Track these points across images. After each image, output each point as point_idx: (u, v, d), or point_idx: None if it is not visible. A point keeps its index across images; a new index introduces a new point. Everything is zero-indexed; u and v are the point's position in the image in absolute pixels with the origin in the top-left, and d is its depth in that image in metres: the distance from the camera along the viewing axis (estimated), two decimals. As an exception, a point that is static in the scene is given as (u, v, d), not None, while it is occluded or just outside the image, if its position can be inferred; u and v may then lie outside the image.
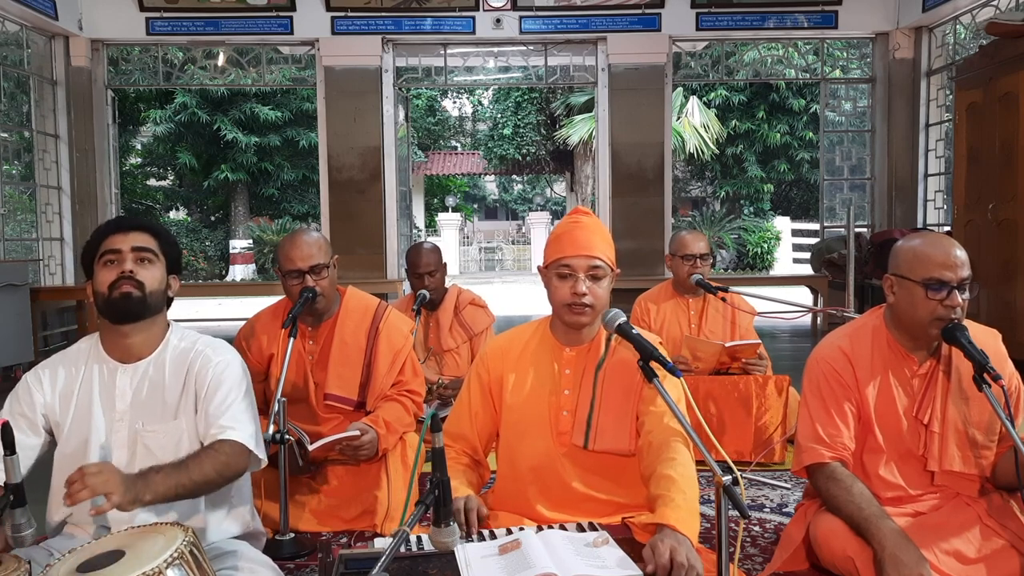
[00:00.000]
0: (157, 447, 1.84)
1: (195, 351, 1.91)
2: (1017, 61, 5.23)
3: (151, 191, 20.37)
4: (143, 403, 1.86)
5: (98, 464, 1.62)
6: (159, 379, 1.88)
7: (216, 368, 1.89)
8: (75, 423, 1.86)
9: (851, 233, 4.36)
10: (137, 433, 1.85)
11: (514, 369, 2.07)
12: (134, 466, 1.82)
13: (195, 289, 11.88)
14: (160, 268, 1.89)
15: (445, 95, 24.65)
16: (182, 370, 1.89)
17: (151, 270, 1.86)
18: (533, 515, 1.98)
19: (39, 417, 1.85)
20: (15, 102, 7.52)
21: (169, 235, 1.97)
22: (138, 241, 1.86)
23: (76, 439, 1.85)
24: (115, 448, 1.84)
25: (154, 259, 1.88)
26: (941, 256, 1.97)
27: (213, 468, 1.74)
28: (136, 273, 1.83)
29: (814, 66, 8.89)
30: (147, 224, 1.93)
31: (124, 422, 1.85)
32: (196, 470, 1.70)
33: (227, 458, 1.78)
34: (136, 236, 1.87)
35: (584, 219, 2.02)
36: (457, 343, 3.92)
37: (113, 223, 1.92)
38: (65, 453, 1.86)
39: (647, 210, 8.09)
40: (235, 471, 1.81)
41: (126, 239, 1.86)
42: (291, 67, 8.56)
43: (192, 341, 1.93)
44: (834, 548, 2.01)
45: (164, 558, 1.46)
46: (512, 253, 23.68)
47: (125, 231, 1.87)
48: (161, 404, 1.87)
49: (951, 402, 2.06)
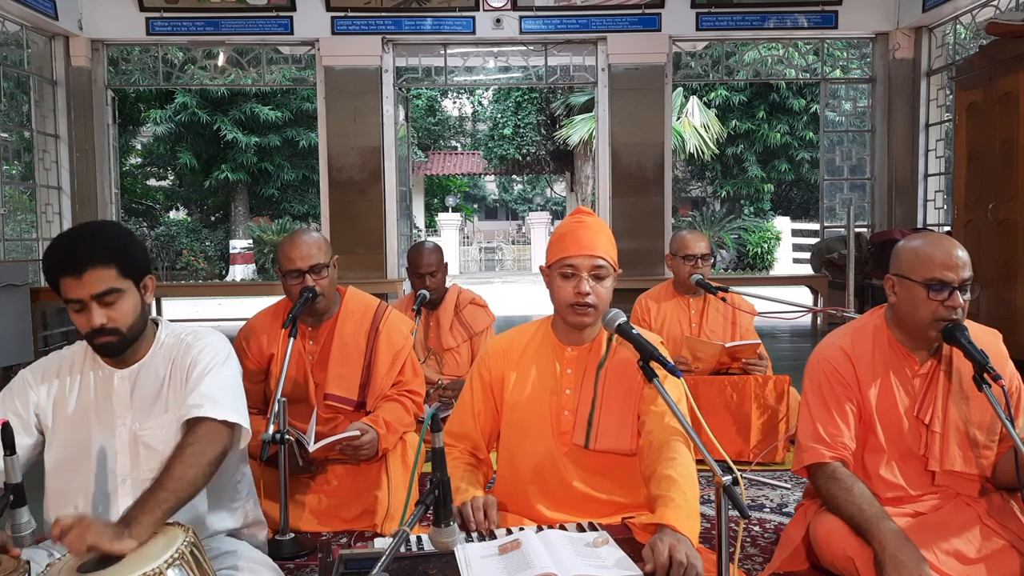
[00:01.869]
0: (157, 442, 1.81)
1: (180, 341, 1.89)
2: (1017, 61, 5.23)
3: (151, 191, 20.38)
4: (139, 404, 1.84)
5: (71, 518, 1.47)
6: (152, 378, 1.86)
7: (194, 352, 1.85)
8: (72, 430, 1.83)
9: (851, 233, 4.35)
10: (136, 435, 1.83)
11: (515, 368, 2.07)
12: (139, 471, 1.80)
13: (195, 289, 11.89)
14: (131, 296, 1.76)
15: (445, 95, 24.66)
16: (169, 361, 1.87)
17: (121, 307, 1.74)
18: (533, 515, 1.98)
19: (32, 416, 1.83)
20: (15, 102, 7.52)
21: (123, 246, 1.77)
22: (96, 285, 1.70)
23: (74, 446, 1.82)
24: (118, 454, 1.82)
25: (121, 292, 1.74)
26: (942, 257, 1.97)
27: (189, 468, 1.62)
28: (108, 322, 1.73)
29: (814, 66, 8.89)
30: (96, 257, 1.70)
31: (125, 426, 1.83)
32: (171, 480, 1.59)
33: (196, 447, 1.66)
34: (92, 278, 1.69)
35: (587, 219, 2.02)
36: (457, 342, 3.92)
37: (62, 261, 1.71)
38: (62, 460, 1.83)
39: (647, 210, 8.09)
40: (215, 452, 1.68)
41: (81, 285, 1.69)
42: (291, 67, 8.56)
43: (178, 334, 1.91)
44: (834, 548, 2.01)
45: (164, 559, 1.46)
46: (512, 253, 23.68)
47: (78, 274, 1.69)
48: (155, 401, 1.85)
49: (952, 402, 2.06)
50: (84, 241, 1.72)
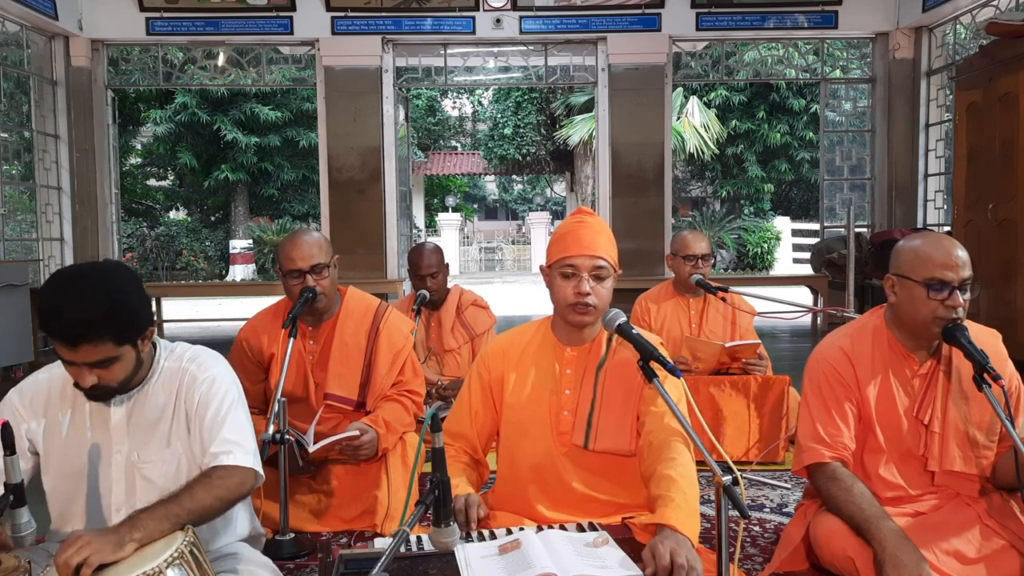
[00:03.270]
0: (157, 476, 1.77)
1: (182, 370, 1.80)
2: (1017, 61, 5.23)
3: (151, 191, 20.38)
4: (137, 433, 1.78)
5: (70, 540, 1.46)
6: (151, 406, 1.79)
7: (202, 387, 1.78)
8: (65, 459, 1.77)
9: (851, 233, 4.35)
10: (134, 465, 1.77)
11: (515, 368, 2.07)
12: (134, 500, 1.75)
13: (195, 289, 11.90)
14: (127, 358, 1.68)
15: (445, 95, 24.65)
16: (172, 393, 1.79)
17: (115, 370, 1.67)
18: (533, 515, 1.98)
19: (24, 441, 1.76)
20: (15, 102, 7.52)
21: (125, 313, 1.64)
22: (91, 356, 1.62)
23: (69, 470, 1.77)
24: (113, 482, 1.77)
25: (117, 357, 1.66)
26: (942, 256, 1.97)
27: (211, 497, 1.64)
28: (102, 380, 1.66)
29: (814, 66, 8.89)
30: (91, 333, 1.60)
31: (121, 454, 1.77)
32: (191, 501, 1.60)
33: (227, 488, 1.68)
34: (85, 352, 1.61)
35: (588, 219, 2.02)
36: (458, 343, 3.92)
37: (53, 324, 1.60)
38: (58, 486, 1.78)
39: (647, 210, 8.09)
40: (238, 495, 1.72)
41: (76, 354, 1.61)
42: (291, 67, 8.56)
43: (178, 358, 1.83)
44: (834, 548, 2.01)
45: (164, 558, 1.46)
46: (512, 253, 23.68)
47: (71, 346, 1.60)
48: (155, 432, 1.78)
49: (952, 402, 2.06)
50: (80, 311, 1.58)
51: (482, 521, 1.85)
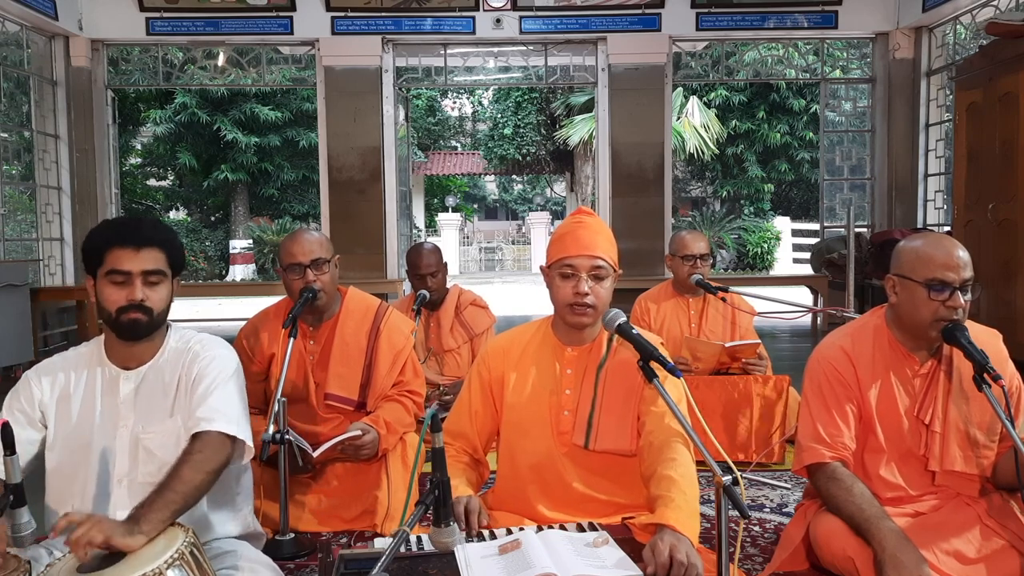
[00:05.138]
0: (157, 447, 1.83)
1: (188, 350, 1.90)
2: (1017, 61, 5.23)
3: (151, 191, 20.37)
4: (144, 407, 1.86)
5: (82, 515, 1.53)
6: (158, 382, 1.88)
7: (202, 363, 1.87)
8: (74, 429, 1.84)
9: (851, 233, 4.35)
10: (138, 437, 1.84)
11: (515, 368, 2.07)
12: (136, 471, 1.82)
13: (195, 289, 11.87)
14: (168, 285, 1.84)
15: (445, 95, 24.65)
16: (177, 370, 1.88)
17: (160, 291, 1.82)
18: (533, 515, 1.98)
19: (37, 412, 1.84)
20: (15, 102, 7.52)
21: (176, 240, 1.88)
22: (149, 263, 1.79)
23: (75, 444, 1.84)
24: (117, 453, 1.84)
25: (164, 278, 1.82)
26: (943, 257, 1.97)
27: (197, 472, 1.68)
28: (146, 299, 1.79)
29: (814, 66, 8.89)
30: (158, 238, 1.82)
31: (127, 428, 1.85)
32: (180, 483, 1.64)
33: (207, 459, 1.71)
34: (147, 256, 1.79)
35: (587, 219, 2.02)
36: (458, 343, 3.92)
37: (122, 232, 1.80)
38: (64, 458, 1.84)
39: (647, 210, 8.09)
40: (217, 463, 1.74)
41: (136, 259, 1.77)
42: (291, 67, 8.56)
43: (187, 341, 1.92)
44: (834, 548, 2.01)
45: (165, 559, 1.46)
46: (512, 253, 23.68)
47: (135, 248, 1.78)
48: (160, 406, 1.86)
49: (952, 402, 2.06)
50: (147, 223, 1.84)
51: (483, 524, 1.85)
